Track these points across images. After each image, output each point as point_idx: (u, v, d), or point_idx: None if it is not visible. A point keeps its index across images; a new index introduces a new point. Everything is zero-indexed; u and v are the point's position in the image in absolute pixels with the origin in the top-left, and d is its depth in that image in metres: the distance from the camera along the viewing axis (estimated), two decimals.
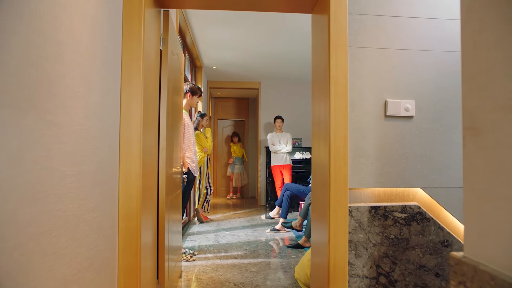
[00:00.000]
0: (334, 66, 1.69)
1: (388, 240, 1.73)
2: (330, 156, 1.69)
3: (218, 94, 8.21)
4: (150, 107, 1.82)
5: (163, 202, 2.05)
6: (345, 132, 1.69)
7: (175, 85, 2.51)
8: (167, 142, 2.15)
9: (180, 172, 2.77)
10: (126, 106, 1.58)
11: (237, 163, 8.23)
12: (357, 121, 1.74)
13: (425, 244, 1.73)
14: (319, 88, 1.90)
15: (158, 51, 2.00)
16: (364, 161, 1.74)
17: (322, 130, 1.82)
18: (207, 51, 5.10)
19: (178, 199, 2.73)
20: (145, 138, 1.71)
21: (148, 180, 1.78)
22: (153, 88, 1.90)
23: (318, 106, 1.92)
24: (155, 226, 2.00)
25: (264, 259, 3.38)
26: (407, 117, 1.76)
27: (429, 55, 1.76)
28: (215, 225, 4.96)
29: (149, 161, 1.80)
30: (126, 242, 1.57)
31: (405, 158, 1.75)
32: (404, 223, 1.73)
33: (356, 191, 1.76)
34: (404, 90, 1.76)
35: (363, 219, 1.72)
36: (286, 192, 4.59)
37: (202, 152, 5.04)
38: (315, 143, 1.99)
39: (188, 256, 3.32)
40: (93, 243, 1.27)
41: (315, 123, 1.99)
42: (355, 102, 1.74)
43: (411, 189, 1.79)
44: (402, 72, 1.76)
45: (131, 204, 1.58)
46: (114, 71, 1.53)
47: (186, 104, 3.45)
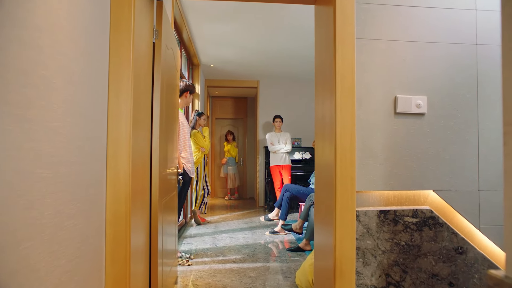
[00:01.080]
0: (341, 60, 1.57)
1: (398, 247, 1.60)
2: (336, 156, 1.56)
3: (216, 93, 8.07)
4: (142, 104, 1.69)
5: (156, 205, 1.92)
6: (352, 130, 1.56)
7: (170, 81, 2.38)
8: (161, 142, 2.01)
9: (176, 173, 2.64)
10: (114, 102, 1.45)
11: (231, 164, 7.95)
12: (365, 118, 1.62)
13: (437, 251, 1.61)
14: (323, 84, 1.78)
15: (150, 44, 1.87)
16: (372, 162, 1.61)
17: (327, 129, 1.70)
18: (204, 48, 4.97)
19: (173, 201, 2.60)
20: (136, 138, 1.58)
21: (139, 182, 1.65)
22: (145, 84, 1.77)
23: (322, 104, 1.80)
24: (147, 230, 1.87)
25: (263, 263, 3.25)
26: (418, 114, 1.64)
27: (442, 48, 1.64)
28: (213, 227, 4.83)
29: (141, 161, 1.67)
30: (114, 249, 1.44)
31: (416, 158, 1.63)
32: (415, 228, 1.61)
33: (363, 194, 1.64)
34: (415, 85, 1.64)
35: (372, 224, 1.60)
36: (285, 193, 4.46)
37: (199, 152, 4.91)
38: (319, 143, 1.86)
39: (184, 260, 3.19)
40: (74, 253, 1.13)
41: (318, 122, 1.86)
42: (363, 98, 1.62)
43: (423, 192, 1.66)
44: (413, 66, 1.64)
45: (119, 208, 1.45)
46: (100, 64, 1.40)
47: (181, 102, 3.32)
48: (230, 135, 8.03)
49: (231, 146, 8.03)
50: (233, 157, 7.97)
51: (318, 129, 1.89)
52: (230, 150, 7.97)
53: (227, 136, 8.04)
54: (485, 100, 1.65)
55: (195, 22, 4.12)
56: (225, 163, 7.89)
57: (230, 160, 7.89)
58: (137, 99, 1.59)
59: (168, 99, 2.33)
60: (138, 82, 1.60)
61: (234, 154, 8.01)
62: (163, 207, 2.18)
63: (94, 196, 1.34)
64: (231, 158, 7.94)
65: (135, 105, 1.55)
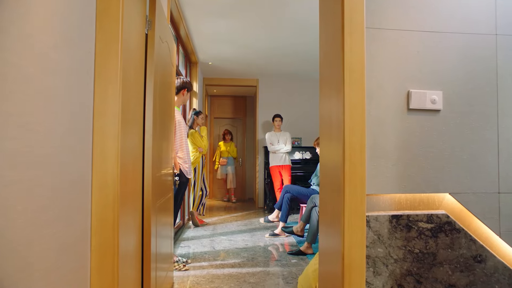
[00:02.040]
0: (349, 51, 1.43)
1: (412, 255, 1.47)
2: (344, 156, 1.43)
3: (215, 92, 7.94)
4: (133, 99, 1.56)
5: (148, 209, 1.78)
6: (361, 128, 1.43)
7: (165, 77, 2.25)
8: (155, 141, 1.88)
9: (171, 174, 2.51)
10: (100, 96, 1.31)
11: (230, 164, 7.61)
12: (376, 115, 1.49)
13: (454, 260, 1.48)
14: (330, 79, 1.64)
15: (142, 35, 1.74)
16: (384, 162, 1.48)
17: (334, 127, 1.56)
18: (202, 45, 4.84)
19: (169, 203, 2.47)
20: (126, 136, 1.45)
21: (129, 184, 1.52)
22: (137, 78, 1.63)
23: (328, 101, 1.67)
24: (139, 235, 1.74)
25: (263, 267, 3.12)
26: (433, 111, 1.51)
27: (458, 38, 1.51)
28: (211, 229, 4.70)
29: (131, 162, 1.54)
30: (100, 258, 1.30)
31: (431, 158, 1.50)
32: (430, 235, 1.48)
33: (373, 197, 1.51)
34: (429, 79, 1.51)
35: (383, 230, 1.46)
36: (286, 195, 4.33)
37: (197, 152, 4.77)
38: (325, 143, 1.73)
39: (181, 265, 3.05)
40: (51, 266, 1.00)
41: (324, 120, 1.73)
42: (373, 93, 1.49)
43: (437, 195, 1.53)
44: (427, 58, 1.51)
45: (107, 213, 1.31)
46: (85, 53, 1.26)
47: (178, 100, 3.18)
48: (228, 135, 7.70)
49: (230, 146, 7.70)
50: (232, 157, 7.68)
51: (323, 128, 1.76)
52: (229, 150, 7.64)
53: (225, 135, 7.69)
54: (505, 95, 1.52)
55: (192, 18, 3.98)
56: (226, 163, 7.53)
57: (229, 160, 7.60)
58: (127, 93, 1.46)
59: (163, 95, 2.19)
60: (128, 75, 1.46)
61: (233, 153, 7.73)
62: (158, 210, 2.05)
63: (78, 200, 1.20)
64: (230, 158, 7.63)
65: (125, 100, 1.41)
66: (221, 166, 7.53)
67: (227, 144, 7.67)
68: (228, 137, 7.68)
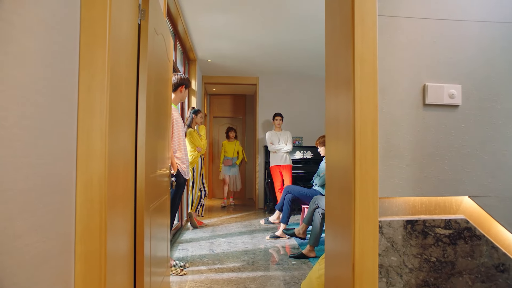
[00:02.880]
0: (360, 40, 1.31)
1: (429, 264, 1.34)
2: (355, 156, 1.30)
3: (214, 91, 7.81)
4: (123, 94, 1.43)
5: (141, 212, 1.65)
6: (374, 125, 1.31)
7: (161, 72, 2.12)
8: (148, 140, 1.75)
9: (168, 175, 2.38)
10: (86, 89, 1.18)
11: (233, 165, 6.98)
12: (389, 111, 1.36)
13: (475, 269, 1.35)
14: (337, 73, 1.52)
15: (135, 25, 1.61)
16: (398, 163, 1.36)
17: (342, 125, 1.44)
18: (201, 41, 4.70)
19: (165, 205, 2.34)
20: (116, 134, 1.32)
21: (120, 186, 1.39)
22: (128, 72, 1.51)
23: (335, 98, 1.54)
24: (130, 239, 1.61)
25: (264, 272, 2.99)
26: (452, 106, 1.38)
27: (479, 27, 1.38)
28: (210, 231, 4.57)
29: (122, 162, 1.41)
30: (86, 267, 1.17)
31: (449, 158, 1.37)
32: (448, 242, 1.35)
33: (385, 200, 1.38)
34: (447, 72, 1.38)
35: (397, 237, 1.34)
36: (287, 195, 4.20)
37: (195, 151, 4.64)
38: (331, 142, 1.61)
39: (178, 269, 2.93)
40: (27, 282, 0.87)
41: (331, 119, 1.61)
42: (386, 87, 1.36)
43: (455, 198, 1.41)
44: (445, 49, 1.38)
45: (93, 219, 1.18)
46: (68, 42, 1.13)
47: (175, 97, 3.05)
48: (233, 132, 6.99)
49: (235, 145, 7.00)
50: (235, 157, 6.96)
51: (330, 126, 1.63)
52: (235, 149, 6.94)
53: (229, 133, 6.98)
54: None
55: (191, 12, 3.85)
56: (231, 164, 6.90)
57: (232, 161, 6.95)
58: (117, 87, 1.33)
59: (159, 92, 2.06)
60: (118, 67, 1.33)
61: (241, 153, 7.02)
62: (153, 212, 1.92)
63: (59, 205, 1.08)
64: (235, 158, 6.97)
65: (114, 94, 1.28)
66: (225, 167, 6.93)
67: (231, 144, 7.00)
68: (232, 134, 7.01)
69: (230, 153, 6.95)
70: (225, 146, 6.99)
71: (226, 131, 7.03)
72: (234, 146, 6.96)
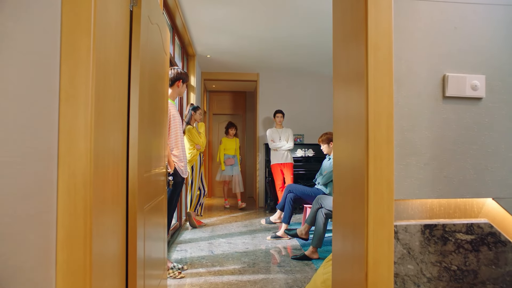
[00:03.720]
0: (374, 25, 1.18)
1: (449, 273, 1.22)
2: (368, 155, 1.18)
3: (213, 87, 7.67)
4: (112, 87, 1.30)
5: (134, 213, 1.53)
6: (389, 121, 1.18)
7: (156, 65, 1.99)
8: (142, 137, 1.63)
9: (164, 174, 2.26)
10: (68, 81, 1.06)
11: (236, 164, 6.42)
12: (405, 104, 1.23)
13: (500, 278, 1.23)
14: (348, 64, 1.39)
15: (126, 11, 1.48)
16: (415, 161, 1.23)
17: (352, 121, 1.31)
18: (200, 36, 4.57)
19: (161, 205, 2.22)
20: (103, 130, 1.19)
21: (108, 187, 1.27)
22: (118, 62, 1.38)
23: (345, 92, 1.42)
24: (122, 242, 1.49)
25: (265, 274, 2.87)
26: (474, 99, 1.25)
27: (506, 11, 1.26)
28: (209, 231, 4.45)
29: (111, 161, 1.28)
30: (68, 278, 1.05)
31: (472, 156, 1.25)
32: (470, 248, 1.23)
33: (400, 203, 1.26)
34: (470, 61, 1.25)
35: (414, 243, 1.21)
36: (289, 195, 4.08)
37: (194, 149, 4.52)
38: (340, 139, 1.48)
39: (176, 272, 2.81)
40: None
41: (339, 115, 1.49)
42: (402, 78, 1.23)
43: (476, 200, 1.28)
44: (467, 35, 1.25)
45: (76, 224, 1.06)
46: (48, 26, 1.01)
47: (173, 92, 2.92)
48: (233, 129, 6.45)
49: (236, 142, 6.51)
50: (236, 156, 6.50)
51: (338, 122, 1.50)
52: (236, 147, 6.46)
53: (230, 129, 6.44)
54: None
55: (189, 5, 3.71)
56: (234, 163, 6.35)
57: (235, 159, 6.45)
58: (105, 78, 1.20)
59: (154, 86, 1.94)
60: (105, 58, 1.20)
61: (238, 151, 6.56)
62: (147, 214, 1.80)
63: (36, 209, 0.95)
64: (236, 156, 6.47)
65: (101, 87, 1.16)
66: (227, 167, 6.38)
67: (231, 141, 6.48)
68: (232, 131, 6.45)
69: (231, 151, 6.43)
70: (224, 143, 6.45)
71: (226, 127, 6.50)
72: (235, 144, 6.48)
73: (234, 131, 6.47)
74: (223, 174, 6.32)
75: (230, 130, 6.43)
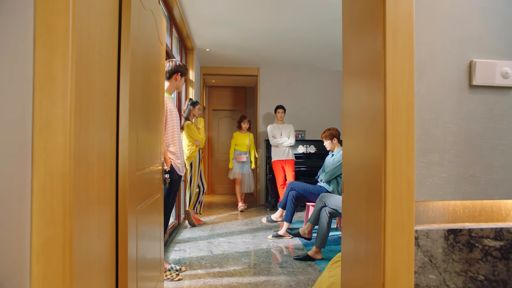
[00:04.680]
0: (393, 3, 1.04)
1: (475, 284, 1.09)
2: (386, 151, 1.04)
3: (213, 82, 7.53)
4: (97, 75, 1.16)
5: (125, 215, 1.40)
6: (409, 111, 1.05)
7: (150, 55, 1.85)
8: (134, 133, 1.49)
9: (160, 171, 2.12)
10: (43, 67, 0.92)
11: (248, 162, 5.78)
12: (427, 94, 1.09)
13: None
14: (360, 52, 1.25)
15: None
16: (438, 158, 1.09)
17: (366, 114, 1.18)
18: (199, 28, 4.41)
19: (156, 205, 2.09)
20: (86, 125, 1.06)
21: (93, 188, 1.13)
22: (104, 47, 1.24)
23: (356, 82, 1.29)
24: (111, 244, 1.36)
25: (267, 276, 2.75)
26: (505, 88, 1.12)
27: None
28: (209, 229, 4.32)
29: (95, 159, 1.15)
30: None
31: (501, 153, 1.11)
32: (499, 256, 1.10)
33: (420, 205, 1.12)
34: (500, 45, 1.11)
35: (436, 250, 1.08)
36: (291, 192, 3.95)
37: (193, 145, 4.38)
38: (350, 136, 1.35)
39: (173, 274, 2.68)
40: None
41: (349, 109, 1.36)
42: (424, 63, 1.09)
43: (504, 202, 1.15)
44: (497, 17, 1.11)
45: (54, 232, 0.92)
46: (19, 5, 0.87)
47: (170, 86, 2.78)
48: (246, 122, 5.76)
49: (249, 138, 5.82)
50: (250, 152, 5.84)
51: (348, 117, 1.37)
52: (249, 143, 5.80)
53: (242, 123, 5.77)
54: None
55: None
56: (245, 160, 5.74)
57: (246, 157, 5.78)
58: (87, 65, 1.06)
59: (148, 77, 1.80)
60: (88, 41, 1.06)
61: (251, 146, 5.86)
62: (141, 214, 1.67)
63: (6, 215, 0.82)
64: (248, 153, 5.80)
65: (83, 75, 1.02)
66: (237, 164, 5.74)
67: (244, 136, 5.80)
68: (245, 124, 5.75)
69: (243, 147, 5.75)
70: (236, 138, 5.78)
71: (239, 121, 5.83)
72: (248, 139, 5.80)
73: (248, 125, 5.77)
74: (232, 171, 5.76)
75: (242, 124, 5.75)
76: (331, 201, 3.20)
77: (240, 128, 5.80)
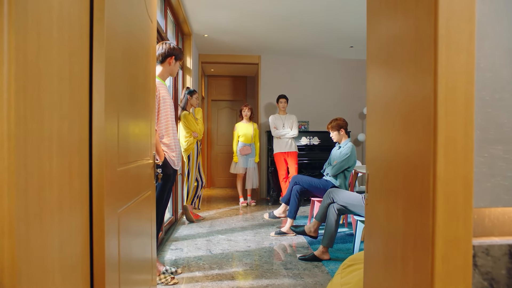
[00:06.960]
0: None
1: None
2: (436, 142, 0.79)
3: (212, 72, 7.23)
4: (54, 44, 0.90)
5: (101, 219, 1.15)
6: (468, 90, 0.79)
7: (135, 30, 1.58)
8: (113, 121, 1.23)
9: (151, 166, 1.87)
10: None
11: (252, 155, 5.34)
12: (490, 67, 0.84)
13: None
14: (395, 20, 0.99)
15: None
16: (502, 152, 0.84)
17: (402, 97, 0.92)
18: (196, 12, 4.11)
19: (147, 203, 1.84)
20: (36, 107, 0.80)
21: (52, 188, 0.88)
22: (65, 8, 0.97)
23: (386, 66, 1.02)
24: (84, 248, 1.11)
25: (270, 279, 2.51)
26: None
27: None
28: (208, 226, 4.09)
29: (53, 153, 0.89)
30: None
31: None
32: None
33: (475, 212, 0.87)
34: None
35: (498, 270, 0.83)
36: (295, 187, 3.70)
37: (191, 137, 4.13)
38: (377, 126, 1.10)
39: (168, 277, 2.45)
40: None
41: (377, 93, 1.10)
42: (487, 27, 0.83)
43: None
44: None
45: None
46: None
47: (163, 70, 2.51)
48: (247, 109, 5.33)
49: (253, 128, 5.34)
50: (252, 143, 5.35)
51: (375, 102, 1.11)
52: (255, 133, 5.35)
53: (242, 111, 5.35)
54: None
55: None
56: (250, 153, 5.28)
57: (251, 149, 5.31)
58: (37, 30, 0.80)
59: (134, 57, 1.53)
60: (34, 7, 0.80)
61: (255, 138, 5.38)
62: (126, 215, 1.42)
63: None
64: (252, 145, 5.33)
65: (28, 41, 0.76)
66: (242, 158, 5.29)
67: (247, 126, 5.31)
68: (245, 112, 5.32)
69: (247, 139, 5.24)
70: (239, 129, 5.28)
71: (240, 110, 5.44)
72: (252, 129, 5.31)
73: (249, 112, 5.30)
74: (237, 166, 5.30)
75: (243, 112, 5.32)
76: (340, 196, 2.95)
77: (242, 118, 5.39)
